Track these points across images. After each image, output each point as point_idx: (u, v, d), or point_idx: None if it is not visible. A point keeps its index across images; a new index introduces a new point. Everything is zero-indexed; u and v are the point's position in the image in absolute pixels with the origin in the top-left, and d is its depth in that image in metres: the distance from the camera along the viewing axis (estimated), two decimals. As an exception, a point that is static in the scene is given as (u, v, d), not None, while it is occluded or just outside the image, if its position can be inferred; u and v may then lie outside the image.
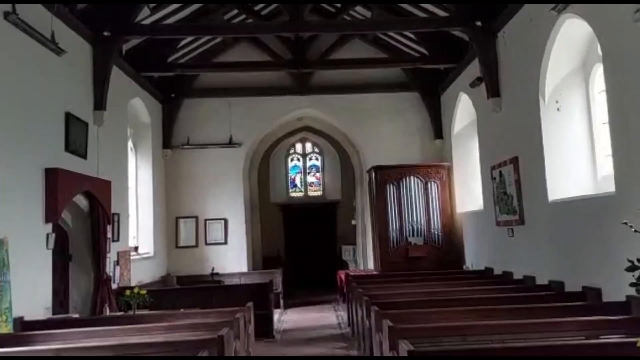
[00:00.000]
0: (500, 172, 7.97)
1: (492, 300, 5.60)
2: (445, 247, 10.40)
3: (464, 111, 10.23)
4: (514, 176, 7.49)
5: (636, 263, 2.47)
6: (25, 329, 5.44)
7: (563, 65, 6.49)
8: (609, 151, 5.40)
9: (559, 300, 5.45)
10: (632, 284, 2.50)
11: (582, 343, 3.82)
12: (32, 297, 5.96)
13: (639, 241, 2.86)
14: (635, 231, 2.61)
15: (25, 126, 5.99)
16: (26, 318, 5.66)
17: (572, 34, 6.19)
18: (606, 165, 6.06)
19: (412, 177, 10.59)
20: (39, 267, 6.20)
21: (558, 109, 6.56)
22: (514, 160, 7.47)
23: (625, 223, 2.68)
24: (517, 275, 7.48)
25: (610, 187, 5.38)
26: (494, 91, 8.07)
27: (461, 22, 8.28)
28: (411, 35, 10.47)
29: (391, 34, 10.89)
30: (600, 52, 5.49)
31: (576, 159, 6.44)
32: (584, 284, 5.70)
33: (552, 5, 5.94)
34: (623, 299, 4.88)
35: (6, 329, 5.24)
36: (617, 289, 4.98)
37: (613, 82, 5.21)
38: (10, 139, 5.68)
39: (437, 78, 11.24)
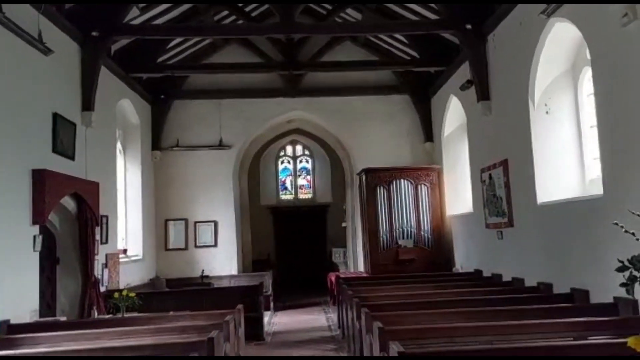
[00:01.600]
0: (490, 174, 8.01)
1: (481, 302, 5.62)
2: (435, 250, 10.42)
3: (454, 114, 10.27)
4: (503, 179, 7.53)
5: (626, 263, 2.49)
6: (11, 332, 5.34)
7: (552, 68, 6.54)
8: (597, 154, 5.45)
9: (548, 302, 5.48)
10: (622, 284, 2.52)
11: (570, 344, 3.84)
12: (19, 300, 5.88)
13: (627, 243, 2.88)
14: (626, 232, 2.63)
15: (11, 127, 5.91)
16: (12, 321, 5.58)
17: (561, 37, 6.23)
18: (594, 168, 6.11)
19: (402, 180, 10.61)
20: (26, 269, 6.12)
21: (547, 112, 6.60)
22: (504, 163, 7.51)
23: (616, 224, 2.69)
24: (506, 277, 7.51)
25: (598, 189, 5.43)
26: (484, 94, 8.11)
27: (451, 25, 8.32)
28: (402, 38, 10.50)
29: (382, 36, 10.91)
30: (589, 56, 5.54)
31: (565, 162, 6.48)
32: (572, 286, 5.74)
33: (542, 8, 5.98)
34: (611, 300, 4.92)
35: (-8, 332, 5.18)
36: (604, 291, 5.02)
37: (601, 86, 5.26)
38: (-4, 140, 5.62)
39: (428, 81, 11.28)
